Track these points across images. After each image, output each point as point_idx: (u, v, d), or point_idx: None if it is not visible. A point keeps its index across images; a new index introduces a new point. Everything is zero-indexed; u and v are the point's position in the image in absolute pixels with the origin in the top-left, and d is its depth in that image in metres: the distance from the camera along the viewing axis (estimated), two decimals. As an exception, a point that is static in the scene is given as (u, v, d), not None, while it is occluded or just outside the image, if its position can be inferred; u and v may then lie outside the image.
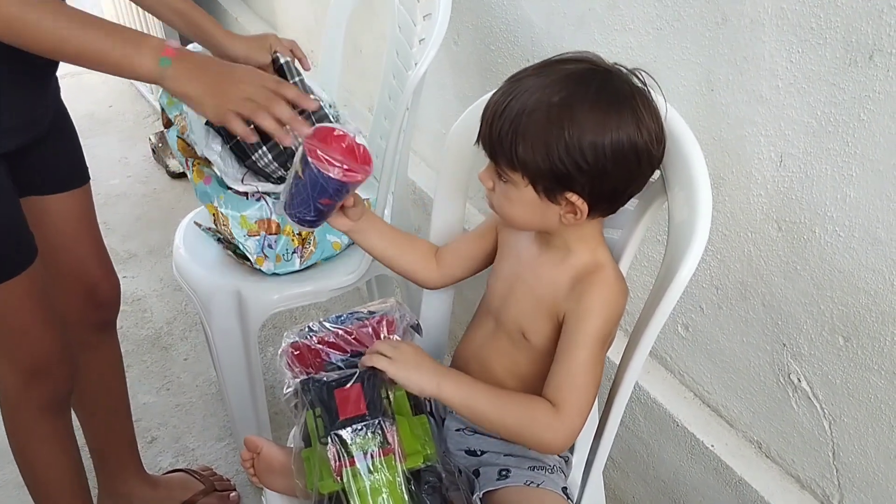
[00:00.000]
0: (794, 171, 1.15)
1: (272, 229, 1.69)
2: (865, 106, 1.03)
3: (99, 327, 1.62)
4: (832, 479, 1.24)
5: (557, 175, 1.02)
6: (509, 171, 1.06)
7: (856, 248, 1.10)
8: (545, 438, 1.10)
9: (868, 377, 1.14)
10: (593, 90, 1.01)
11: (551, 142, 1.01)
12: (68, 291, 1.53)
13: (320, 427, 1.12)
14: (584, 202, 1.04)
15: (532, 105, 1.01)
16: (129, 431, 1.80)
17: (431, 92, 1.95)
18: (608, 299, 1.09)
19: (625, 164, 1.02)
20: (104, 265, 1.59)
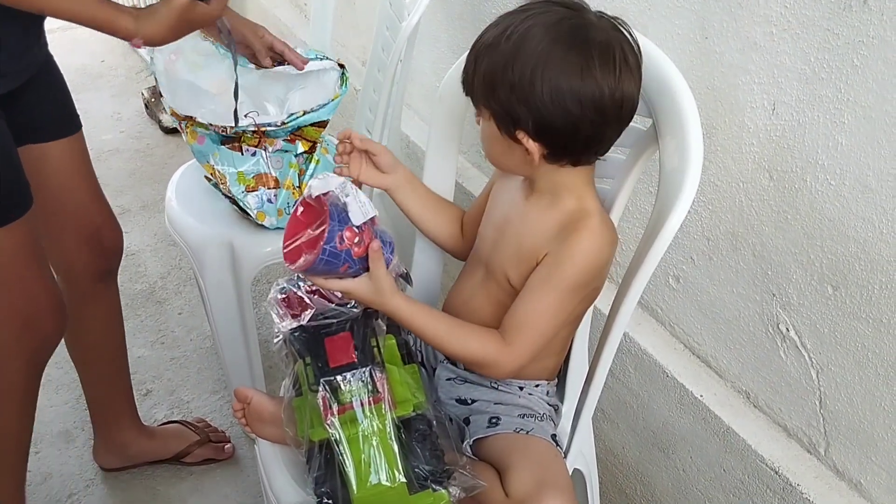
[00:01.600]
0: (787, 119, 1.14)
1: (270, 184, 1.68)
2: (859, 51, 1.02)
3: (102, 276, 1.64)
4: (818, 427, 1.25)
5: (505, 112, 1.05)
6: (480, 106, 1.09)
7: (846, 196, 1.10)
8: (491, 371, 1.17)
9: (856, 326, 1.14)
10: (549, 28, 1.02)
11: (497, 78, 1.03)
12: (73, 238, 1.56)
13: (310, 375, 1.12)
14: (536, 144, 1.05)
15: (493, 40, 1.04)
16: (126, 381, 1.83)
17: (425, 44, 1.93)
18: (590, 248, 1.09)
19: (565, 110, 1.01)
20: (106, 211, 1.62)
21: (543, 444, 1.18)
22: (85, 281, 1.62)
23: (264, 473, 1.31)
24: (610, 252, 1.12)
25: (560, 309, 1.11)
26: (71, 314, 1.59)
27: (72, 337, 1.68)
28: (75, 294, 1.62)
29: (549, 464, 1.14)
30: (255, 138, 1.64)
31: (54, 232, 1.54)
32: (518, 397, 1.25)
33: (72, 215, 1.54)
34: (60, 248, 1.56)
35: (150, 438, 1.87)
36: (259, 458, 1.33)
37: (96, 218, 1.59)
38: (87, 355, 1.74)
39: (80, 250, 1.57)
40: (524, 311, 1.12)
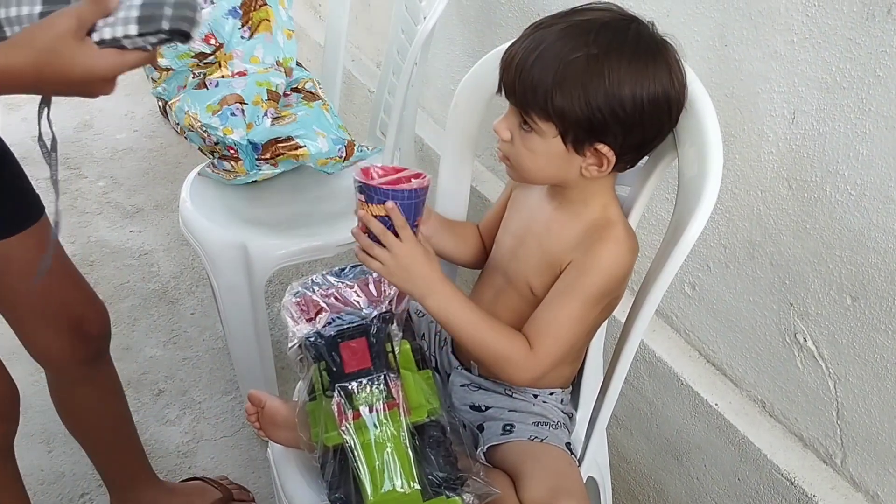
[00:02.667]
0: (807, 128, 1.13)
1: (231, 101, 1.68)
2: (882, 61, 1.02)
3: (90, 361, 1.50)
4: (835, 437, 1.25)
5: (593, 124, 1.02)
6: (540, 121, 1.04)
7: (867, 206, 1.09)
8: (512, 375, 1.13)
9: (875, 337, 1.14)
10: (631, 40, 1.01)
11: (591, 90, 1.00)
12: (54, 332, 1.42)
13: (325, 380, 1.12)
14: (614, 153, 1.04)
15: (569, 53, 1.01)
16: (135, 445, 1.72)
17: (440, 47, 1.93)
18: (615, 256, 1.09)
19: (657, 115, 1.03)
20: (85, 296, 1.46)
21: (558, 452, 1.18)
22: (72, 369, 1.49)
23: (277, 477, 1.31)
24: (632, 261, 1.12)
25: (583, 318, 1.10)
26: (61, 399, 1.56)
27: (66, 418, 1.60)
28: (63, 380, 1.53)
29: (564, 472, 1.14)
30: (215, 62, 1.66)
31: (33, 328, 1.42)
32: (532, 405, 1.25)
33: (50, 310, 1.40)
34: (41, 343, 1.44)
35: (171, 496, 1.76)
36: (272, 461, 1.33)
37: (77, 308, 1.43)
38: (85, 434, 1.64)
39: (62, 343, 1.44)
40: (547, 319, 1.10)
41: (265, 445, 1.93)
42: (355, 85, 2.31)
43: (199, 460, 1.94)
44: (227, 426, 2.01)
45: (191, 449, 1.97)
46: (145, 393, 2.09)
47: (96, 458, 1.69)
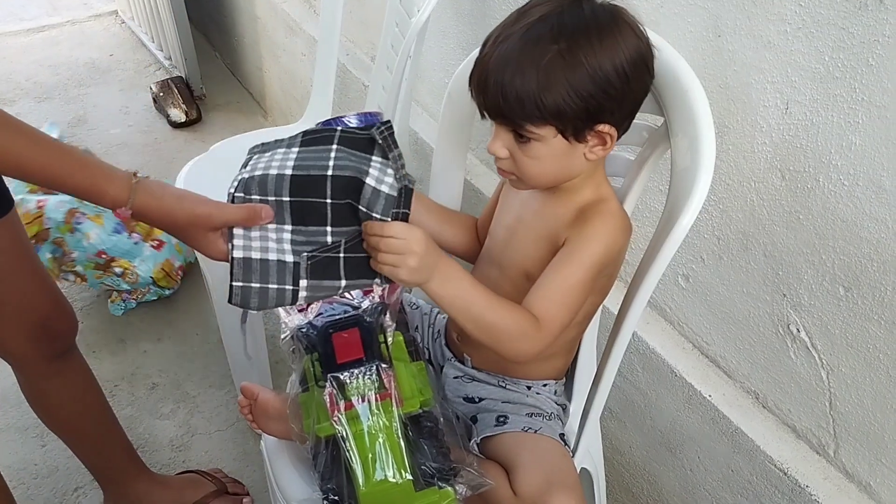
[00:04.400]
0: (800, 118, 1.13)
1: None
2: (874, 51, 1.01)
3: (56, 357, 1.48)
4: (828, 428, 1.25)
5: (589, 111, 1.02)
6: (535, 128, 1.04)
7: (860, 196, 1.09)
8: (521, 348, 1.08)
9: (867, 327, 1.13)
10: (590, 19, 1.01)
11: (577, 82, 1.00)
12: (17, 330, 1.40)
13: (317, 370, 1.12)
14: (614, 128, 1.05)
15: (541, 56, 1.00)
16: (119, 438, 1.69)
17: (434, 41, 1.92)
18: (610, 229, 1.10)
19: (640, 75, 1.04)
20: (51, 295, 1.43)
21: (551, 443, 1.18)
22: (38, 364, 1.47)
23: (270, 469, 1.31)
24: (626, 238, 1.12)
25: (583, 287, 1.08)
26: (32, 394, 1.53)
27: (41, 415, 1.58)
28: (31, 376, 1.51)
29: (558, 462, 1.14)
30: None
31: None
32: (526, 396, 1.25)
33: (13, 306, 1.37)
34: (5, 340, 1.41)
35: (165, 488, 1.75)
36: (265, 453, 1.33)
37: (42, 306, 1.41)
38: (63, 427, 1.61)
39: (26, 341, 1.41)
40: (547, 287, 1.08)
41: (259, 439, 1.93)
42: (350, 79, 2.30)
43: (194, 454, 1.94)
44: (222, 420, 2.01)
45: (185, 443, 1.96)
46: (139, 387, 2.09)
47: (80, 452, 1.67)
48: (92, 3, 3.95)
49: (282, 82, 2.92)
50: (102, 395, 1.62)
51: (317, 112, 2.07)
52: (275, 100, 3.05)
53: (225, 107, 3.23)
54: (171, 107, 3.08)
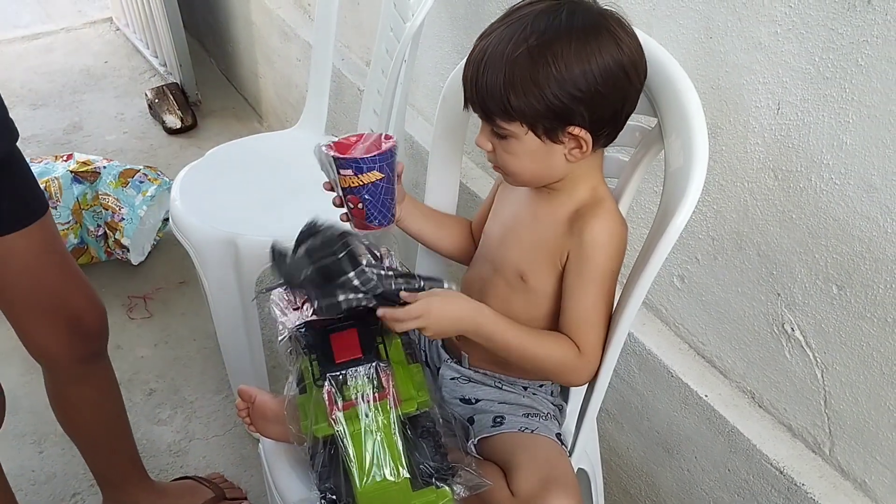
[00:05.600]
0: (792, 118, 1.14)
1: None
2: (863, 51, 1.02)
3: (87, 359, 1.52)
4: (823, 426, 1.25)
5: (556, 112, 1.03)
6: (506, 124, 1.06)
7: (851, 195, 1.10)
8: (571, 378, 1.18)
9: (860, 325, 1.14)
10: (566, 21, 1.02)
11: (541, 81, 1.01)
12: (52, 328, 1.43)
13: (315, 370, 1.12)
14: (587, 132, 1.05)
15: (511, 52, 1.02)
16: (128, 446, 1.72)
17: (429, 45, 1.93)
18: (611, 232, 1.11)
19: (616, 84, 1.03)
20: (85, 294, 1.47)
21: (548, 443, 1.18)
22: (69, 366, 1.50)
23: (269, 471, 1.31)
24: (625, 236, 1.13)
25: (605, 299, 1.12)
26: (57, 396, 1.56)
27: (61, 416, 1.60)
28: (60, 378, 1.54)
29: (555, 462, 1.14)
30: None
31: (31, 324, 1.43)
32: (522, 397, 1.25)
33: (49, 306, 1.41)
34: (39, 339, 1.45)
35: (162, 497, 1.76)
36: (263, 456, 1.34)
37: (75, 304, 1.44)
38: (79, 432, 1.64)
39: (60, 340, 1.45)
40: (577, 314, 1.12)
41: (257, 443, 1.93)
42: (345, 83, 2.31)
43: (191, 459, 1.94)
44: (219, 425, 2.01)
45: (183, 448, 1.97)
46: (136, 392, 2.09)
47: (89, 456, 1.69)
48: (86, 11, 3.96)
49: (277, 87, 2.93)
50: (122, 403, 1.66)
51: (313, 117, 2.08)
52: (270, 105, 3.06)
53: (220, 112, 3.24)
54: (166, 113, 3.09)
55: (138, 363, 2.18)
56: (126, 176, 2.42)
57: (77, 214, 2.37)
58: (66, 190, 2.34)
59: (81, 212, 2.38)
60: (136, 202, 2.38)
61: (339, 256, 1.05)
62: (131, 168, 2.46)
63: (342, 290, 1.05)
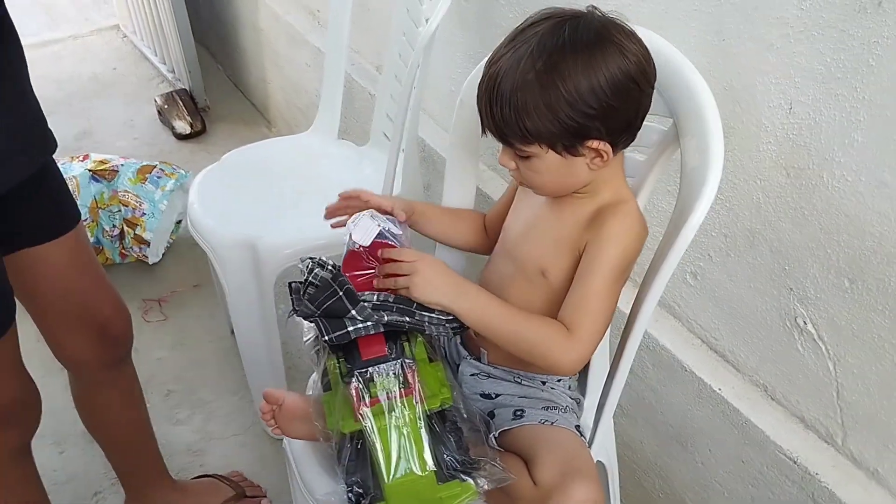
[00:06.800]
0: (803, 117, 1.18)
1: None
2: (874, 51, 1.06)
3: (113, 364, 1.56)
4: (836, 417, 1.29)
5: (572, 131, 1.06)
6: (525, 147, 1.09)
7: (862, 191, 1.13)
8: (558, 360, 1.13)
9: (872, 317, 1.18)
10: (568, 39, 1.04)
11: (553, 104, 1.04)
12: (80, 334, 1.47)
13: (343, 368, 1.15)
14: (606, 143, 1.08)
15: (521, 79, 1.05)
16: (152, 448, 1.76)
17: (440, 49, 1.96)
18: (628, 229, 1.13)
19: (626, 94, 1.05)
20: (112, 302, 1.51)
21: (568, 434, 1.21)
22: (95, 371, 1.54)
23: (295, 467, 1.34)
24: (644, 237, 1.15)
25: (610, 291, 1.13)
26: (84, 401, 1.60)
27: (87, 419, 1.64)
28: (87, 383, 1.57)
29: (575, 452, 1.17)
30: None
31: (61, 330, 1.46)
32: (541, 391, 1.28)
33: (78, 313, 1.45)
34: (68, 345, 1.48)
35: (184, 495, 1.80)
36: (289, 454, 1.36)
37: (104, 311, 1.48)
38: (105, 435, 1.68)
39: (88, 344, 1.48)
40: (577, 299, 1.13)
41: (275, 442, 1.97)
42: (355, 88, 2.34)
43: (210, 458, 1.97)
44: (237, 424, 2.04)
45: (201, 447, 2.00)
46: (154, 394, 2.12)
47: (114, 458, 1.72)
48: (93, 18, 3.99)
49: (285, 93, 2.96)
50: (145, 408, 1.70)
51: (325, 122, 2.11)
52: (278, 110, 3.09)
53: (229, 118, 3.27)
54: (175, 119, 3.12)
55: (155, 365, 2.21)
56: (144, 172, 2.47)
57: (94, 213, 2.41)
58: (83, 188, 2.39)
59: (98, 211, 2.41)
60: (156, 197, 2.43)
61: (339, 296, 1.12)
62: (148, 164, 2.52)
63: (351, 322, 1.12)
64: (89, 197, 2.40)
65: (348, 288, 1.12)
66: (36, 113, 1.29)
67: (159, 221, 2.43)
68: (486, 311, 1.14)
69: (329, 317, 1.13)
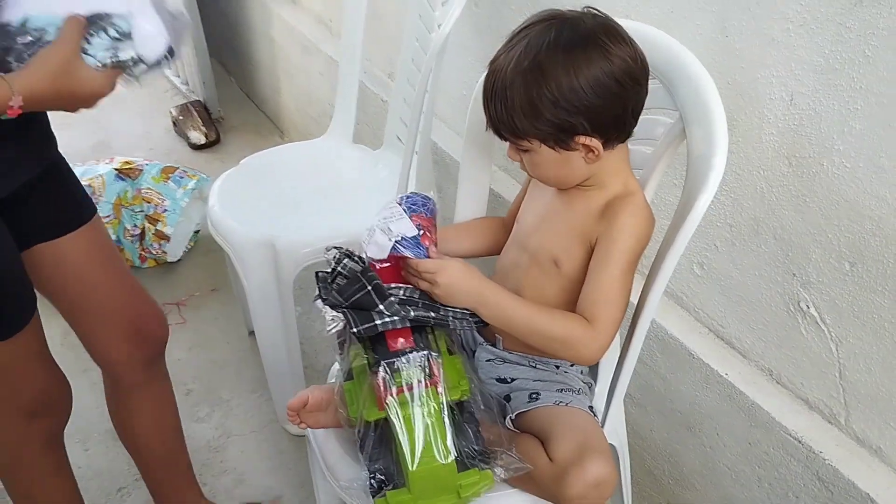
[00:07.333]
0: (804, 108, 1.23)
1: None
2: (870, 43, 1.11)
3: (146, 366, 1.54)
4: (839, 397, 1.33)
5: (558, 127, 1.13)
6: (520, 142, 1.17)
7: (861, 177, 1.19)
8: (581, 352, 1.21)
9: (872, 298, 1.23)
10: (553, 41, 1.11)
11: (536, 102, 1.11)
12: (111, 334, 1.46)
13: (370, 357, 1.19)
14: (594, 139, 1.14)
15: (510, 78, 1.12)
16: (184, 461, 1.74)
17: (452, 55, 2.02)
18: (638, 221, 1.19)
19: (610, 92, 1.11)
20: (140, 296, 1.50)
21: (582, 414, 1.26)
22: (129, 373, 1.53)
23: (319, 455, 1.37)
24: (652, 227, 1.21)
25: (624, 280, 1.19)
26: (116, 406, 1.60)
27: (120, 426, 1.64)
28: (120, 386, 1.57)
29: (589, 431, 1.22)
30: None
31: (91, 329, 1.46)
32: (555, 374, 1.33)
33: (105, 311, 1.44)
34: (99, 344, 1.48)
35: None
36: (313, 442, 1.39)
37: (133, 309, 1.47)
38: (138, 442, 1.66)
39: (119, 345, 1.47)
40: (594, 291, 1.19)
41: (293, 438, 2.02)
42: (368, 95, 2.40)
43: (230, 454, 2.02)
44: (256, 422, 2.09)
45: (221, 444, 2.05)
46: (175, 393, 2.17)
47: (147, 471, 1.71)
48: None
49: (298, 102, 3.03)
50: (178, 418, 1.69)
51: (340, 128, 2.17)
52: (291, 120, 3.16)
53: (242, 128, 3.34)
54: (190, 129, 3.19)
55: (175, 365, 2.23)
56: (167, 172, 2.59)
57: (117, 210, 2.48)
58: (109, 185, 2.49)
59: (121, 209, 2.49)
60: (177, 195, 2.54)
61: (368, 290, 1.17)
62: (171, 166, 2.64)
63: (378, 316, 1.17)
64: (114, 194, 2.49)
65: (377, 283, 1.18)
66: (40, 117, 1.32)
67: (179, 218, 2.51)
68: (507, 314, 1.21)
69: (357, 309, 1.18)
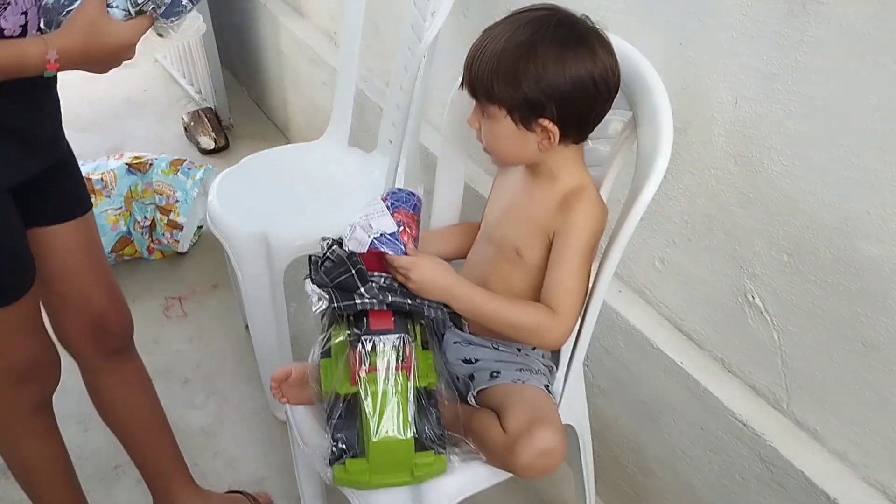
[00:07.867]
0: (747, 110, 1.33)
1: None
2: (802, 49, 1.21)
3: (112, 354, 1.61)
4: (781, 384, 1.42)
5: (529, 103, 1.23)
6: (489, 105, 1.26)
7: (796, 174, 1.28)
8: (547, 338, 1.32)
9: (808, 288, 1.31)
10: (553, 29, 1.22)
11: (520, 75, 1.21)
12: (75, 323, 1.53)
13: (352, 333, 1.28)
14: (556, 126, 1.23)
15: (503, 47, 1.23)
16: (169, 444, 1.80)
17: (442, 63, 2.13)
18: (591, 214, 1.29)
19: (585, 92, 1.22)
20: (110, 295, 1.56)
21: (537, 391, 1.36)
22: (94, 359, 1.60)
23: (295, 426, 1.47)
24: (605, 218, 1.31)
25: (582, 270, 1.29)
26: (89, 386, 1.67)
27: (98, 407, 1.71)
28: (88, 369, 1.64)
29: (542, 405, 1.32)
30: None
31: (57, 314, 1.53)
32: (516, 356, 1.43)
33: (74, 301, 1.51)
34: (64, 330, 1.55)
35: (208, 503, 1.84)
36: (291, 416, 1.49)
37: (100, 303, 1.54)
38: (117, 423, 1.73)
39: (82, 335, 1.55)
40: (555, 282, 1.29)
41: (283, 424, 2.12)
42: (367, 103, 2.52)
43: (222, 439, 2.12)
44: (249, 410, 2.19)
45: (214, 430, 2.15)
46: (173, 381, 2.28)
47: (134, 453, 1.78)
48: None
49: (304, 111, 3.15)
50: (155, 399, 1.75)
51: (337, 130, 2.29)
52: (298, 129, 3.28)
53: (251, 135, 3.46)
54: (201, 135, 3.32)
55: (174, 356, 2.37)
56: (175, 165, 2.71)
57: (128, 203, 2.63)
58: (120, 179, 2.63)
59: (132, 202, 2.63)
60: (187, 186, 2.67)
61: (351, 273, 1.28)
62: (178, 158, 2.77)
63: (359, 297, 1.28)
64: (125, 187, 2.63)
65: (360, 268, 1.29)
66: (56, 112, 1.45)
67: (190, 207, 2.65)
68: (477, 307, 1.31)
69: (340, 289, 1.29)
